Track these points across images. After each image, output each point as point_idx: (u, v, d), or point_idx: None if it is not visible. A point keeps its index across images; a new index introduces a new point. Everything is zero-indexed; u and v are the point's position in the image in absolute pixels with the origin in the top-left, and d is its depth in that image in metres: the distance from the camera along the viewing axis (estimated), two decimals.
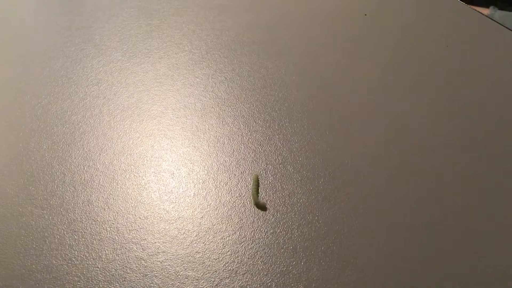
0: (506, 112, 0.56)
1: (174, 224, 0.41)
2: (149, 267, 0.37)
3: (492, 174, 0.47)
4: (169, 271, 0.37)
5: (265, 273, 0.37)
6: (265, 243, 0.39)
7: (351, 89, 0.60)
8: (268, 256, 0.38)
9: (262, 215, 0.42)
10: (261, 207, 0.42)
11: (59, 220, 0.41)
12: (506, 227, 0.41)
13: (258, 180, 0.44)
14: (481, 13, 0.81)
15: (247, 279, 0.36)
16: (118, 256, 0.38)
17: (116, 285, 0.36)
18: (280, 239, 0.40)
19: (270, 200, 0.43)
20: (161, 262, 0.38)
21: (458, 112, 0.56)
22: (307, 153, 0.49)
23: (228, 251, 0.39)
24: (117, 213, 0.42)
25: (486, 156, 0.49)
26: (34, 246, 0.39)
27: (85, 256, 0.38)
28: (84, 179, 0.45)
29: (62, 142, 0.50)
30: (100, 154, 0.49)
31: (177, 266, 0.37)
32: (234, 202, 0.43)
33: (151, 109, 0.55)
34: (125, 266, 0.37)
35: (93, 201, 0.43)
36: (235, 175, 0.46)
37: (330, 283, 0.36)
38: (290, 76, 0.62)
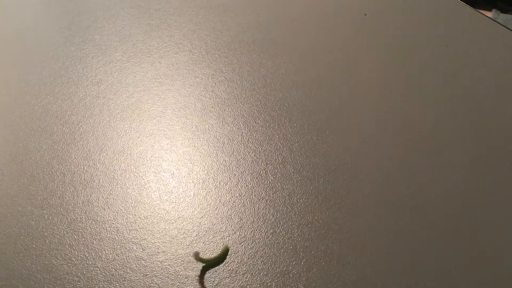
0: (506, 111, 0.56)
1: (174, 224, 0.41)
2: (149, 267, 0.37)
3: (493, 174, 0.47)
4: (169, 271, 0.37)
5: (265, 273, 0.37)
6: (265, 243, 0.39)
7: (351, 89, 0.60)
8: (268, 256, 0.38)
9: (262, 215, 0.42)
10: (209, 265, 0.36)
11: (59, 220, 0.41)
12: (507, 227, 0.41)
13: (226, 255, 0.37)
14: (484, 15, 0.81)
15: (247, 279, 0.36)
16: (118, 256, 0.38)
17: (116, 285, 0.36)
18: (280, 239, 0.40)
19: (270, 200, 0.43)
20: (161, 262, 0.38)
21: (459, 112, 0.56)
22: (307, 153, 0.49)
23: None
24: (117, 213, 0.42)
25: (487, 156, 0.49)
26: (34, 246, 0.39)
27: (85, 256, 0.38)
28: (84, 179, 0.45)
29: (62, 142, 0.50)
30: (100, 154, 0.49)
31: (177, 266, 0.37)
32: (234, 202, 0.43)
33: (151, 109, 0.55)
34: (125, 266, 0.37)
35: (93, 201, 0.43)
36: (235, 175, 0.46)
37: (330, 283, 0.36)
38: (290, 76, 0.62)
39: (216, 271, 0.37)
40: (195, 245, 0.39)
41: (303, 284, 0.36)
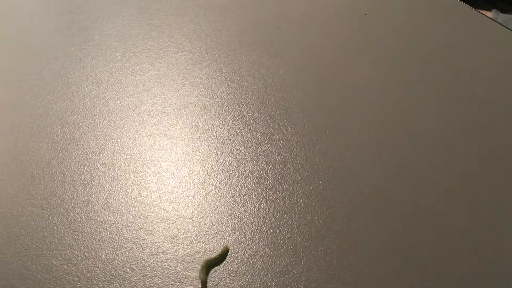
0: (506, 111, 0.56)
1: (174, 224, 0.41)
2: (149, 267, 0.37)
3: (493, 174, 0.47)
4: (169, 271, 0.37)
5: (265, 273, 0.37)
6: (265, 243, 0.39)
7: (351, 89, 0.60)
8: (268, 256, 0.38)
9: (262, 215, 0.42)
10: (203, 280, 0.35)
11: (59, 220, 0.41)
12: (508, 227, 0.41)
13: (225, 255, 0.37)
14: (484, 15, 0.81)
15: (247, 279, 0.36)
16: (118, 256, 0.38)
17: (116, 285, 0.36)
18: (280, 239, 0.40)
19: (270, 200, 0.43)
20: (161, 262, 0.38)
21: (459, 112, 0.56)
22: (307, 153, 0.49)
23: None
24: (117, 213, 0.42)
25: (487, 156, 0.49)
26: (34, 246, 0.39)
27: (85, 256, 0.38)
28: (84, 179, 0.45)
29: (62, 142, 0.50)
30: (100, 154, 0.49)
31: (177, 266, 0.37)
32: (234, 202, 0.43)
33: (151, 109, 0.55)
34: (125, 266, 0.37)
35: (93, 201, 0.43)
36: (235, 175, 0.46)
37: (330, 283, 0.36)
38: (290, 76, 0.62)
39: (216, 271, 0.37)
40: (195, 245, 0.39)
41: (303, 284, 0.36)
